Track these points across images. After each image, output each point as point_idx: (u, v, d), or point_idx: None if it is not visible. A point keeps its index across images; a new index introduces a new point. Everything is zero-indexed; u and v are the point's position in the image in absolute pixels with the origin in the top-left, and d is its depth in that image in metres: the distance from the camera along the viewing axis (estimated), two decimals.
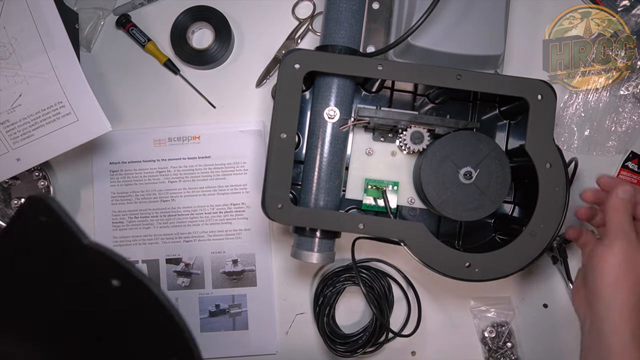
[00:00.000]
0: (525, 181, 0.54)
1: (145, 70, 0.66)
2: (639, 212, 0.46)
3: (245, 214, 0.64)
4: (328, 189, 0.53)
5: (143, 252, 0.65)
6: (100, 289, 0.36)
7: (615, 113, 0.65)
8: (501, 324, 0.64)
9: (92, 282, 0.37)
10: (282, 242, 0.65)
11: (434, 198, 0.50)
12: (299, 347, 0.64)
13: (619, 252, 0.43)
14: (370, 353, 0.63)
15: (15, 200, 0.65)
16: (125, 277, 0.34)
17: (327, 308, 0.62)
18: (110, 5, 0.66)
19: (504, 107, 0.57)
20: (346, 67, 0.50)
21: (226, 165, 0.65)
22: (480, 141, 0.51)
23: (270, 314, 0.64)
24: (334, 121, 0.53)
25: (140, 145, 0.65)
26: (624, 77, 0.64)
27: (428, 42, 0.55)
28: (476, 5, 0.56)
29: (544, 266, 0.65)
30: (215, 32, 0.64)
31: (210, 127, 0.65)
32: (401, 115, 0.52)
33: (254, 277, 0.64)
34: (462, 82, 0.50)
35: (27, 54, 0.55)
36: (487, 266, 0.49)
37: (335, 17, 0.53)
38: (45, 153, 0.57)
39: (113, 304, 0.37)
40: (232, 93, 0.65)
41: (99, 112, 0.55)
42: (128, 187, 0.65)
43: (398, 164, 0.56)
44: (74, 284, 0.38)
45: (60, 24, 0.55)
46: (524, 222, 0.50)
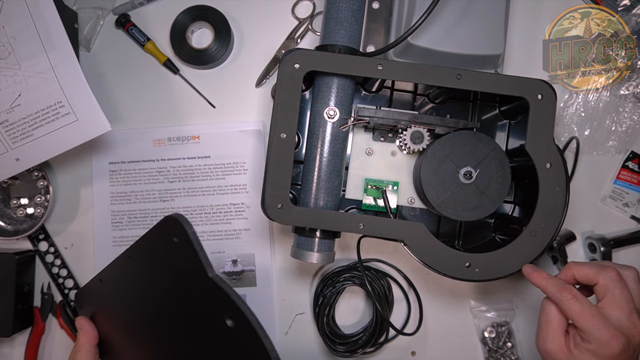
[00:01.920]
0: (526, 181, 0.54)
1: (144, 70, 0.66)
2: None
3: (245, 214, 0.64)
4: (328, 189, 0.53)
5: None
6: (214, 325, 0.39)
7: (615, 113, 0.65)
8: (501, 324, 0.64)
9: (208, 317, 0.40)
10: (282, 242, 0.65)
11: (434, 198, 0.50)
12: (298, 347, 0.64)
13: None
14: (370, 353, 0.62)
15: (14, 200, 0.65)
16: (240, 319, 0.36)
17: (327, 308, 0.62)
18: (110, 5, 0.66)
19: (504, 106, 0.57)
20: (346, 66, 0.50)
21: (226, 165, 0.65)
22: (480, 141, 0.50)
23: (270, 314, 0.64)
24: (333, 121, 0.53)
25: (139, 145, 0.65)
26: (624, 77, 0.64)
27: (428, 42, 0.55)
28: (476, 5, 0.56)
29: (544, 266, 0.65)
30: (215, 32, 0.64)
31: (210, 127, 0.65)
32: (401, 115, 0.52)
33: (254, 277, 0.64)
34: (462, 81, 0.50)
35: (26, 53, 0.55)
36: (487, 266, 0.49)
37: (335, 17, 0.53)
38: (45, 153, 0.57)
39: (221, 342, 0.39)
40: (231, 93, 0.65)
41: (98, 112, 0.55)
42: (127, 187, 0.65)
43: (398, 163, 0.56)
44: (191, 314, 0.42)
45: (59, 24, 0.54)
46: (524, 222, 0.50)
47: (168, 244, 0.42)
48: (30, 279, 0.65)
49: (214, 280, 0.38)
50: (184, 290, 0.42)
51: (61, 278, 0.65)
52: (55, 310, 0.65)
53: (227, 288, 0.38)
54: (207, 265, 0.39)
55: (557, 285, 0.44)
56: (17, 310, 0.62)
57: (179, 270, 0.42)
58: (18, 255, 0.62)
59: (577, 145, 0.62)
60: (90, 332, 0.49)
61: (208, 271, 0.39)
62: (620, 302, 0.42)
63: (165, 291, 0.44)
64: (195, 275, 0.40)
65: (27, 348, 0.64)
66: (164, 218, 0.43)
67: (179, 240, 0.41)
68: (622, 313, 0.42)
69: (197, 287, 0.40)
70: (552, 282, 0.45)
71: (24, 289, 0.64)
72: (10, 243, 0.65)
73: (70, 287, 0.65)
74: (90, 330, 0.49)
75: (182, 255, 0.41)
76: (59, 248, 0.66)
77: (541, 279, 0.45)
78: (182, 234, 0.41)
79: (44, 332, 0.65)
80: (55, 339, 0.66)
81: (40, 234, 0.65)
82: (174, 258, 0.42)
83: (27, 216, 0.65)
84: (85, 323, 0.49)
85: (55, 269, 0.65)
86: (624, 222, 0.65)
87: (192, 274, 0.40)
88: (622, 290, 0.42)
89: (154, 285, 0.46)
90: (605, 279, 0.43)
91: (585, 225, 0.66)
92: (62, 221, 0.66)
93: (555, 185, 0.49)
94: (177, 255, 0.42)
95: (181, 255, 0.41)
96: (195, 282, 0.40)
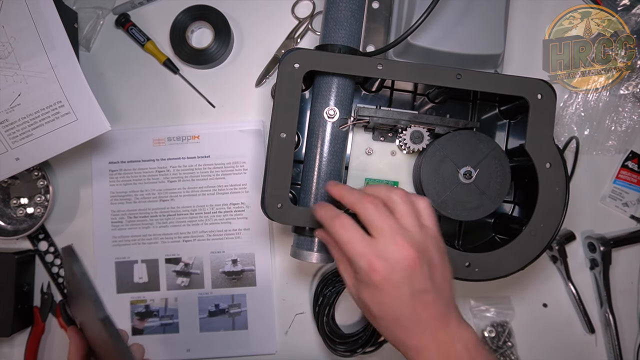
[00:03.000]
0: (525, 181, 0.54)
1: (144, 70, 0.66)
2: None
3: (245, 214, 0.64)
4: None
5: (142, 252, 0.65)
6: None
7: (615, 112, 0.65)
8: (501, 323, 0.64)
9: None
10: (282, 242, 0.65)
11: (433, 198, 0.50)
12: (298, 347, 0.64)
13: None
14: (370, 353, 0.62)
15: (14, 200, 0.65)
16: None
17: (326, 308, 0.62)
18: (110, 5, 0.66)
19: (504, 106, 0.57)
20: (346, 66, 0.50)
21: (225, 165, 0.65)
22: (480, 141, 0.51)
23: (269, 313, 0.64)
24: (333, 121, 0.53)
25: (139, 144, 0.65)
26: (624, 77, 0.64)
27: (428, 42, 0.55)
28: (476, 4, 0.56)
29: (544, 266, 0.65)
30: (215, 32, 0.64)
31: (210, 127, 0.65)
32: (401, 114, 0.52)
33: (254, 276, 0.64)
34: (462, 81, 0.50)
35: (26, 53, 0.55)
36: (487, 266, 0.49)
37: (335, 17, 0.53)
38: (45, 152, 0.57)
39: None
40: (231, 92, 0.65)
41: (98, 112, 0.55)
42: (127, 186, 0.65)
43: (398, 163, 0.56)
44: None
45: (59, 23, 0.54)
46: (524, 222, 0.50)
47: (73, 277, 0.42)
48: (30, 279, 0.65)
49: (103, 323, 0.38)
50: (95, 320, 0.41)
51: (61, 278, 0.65)
52: (55, 310, 0.65)
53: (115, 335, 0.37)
54: (97, 306, 0.38)
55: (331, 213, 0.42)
56: (17, 310, 0.62)
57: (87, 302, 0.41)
58: (18, 255, 0.62)
59: (577, 145, 0.62)
60: (78, 341, 0.49)
61: (98, 313, 0.38)
62: (381, 228, 0.39)
63: (91, 318, 0.43)
64: None
65: (27, 348, 0.64)
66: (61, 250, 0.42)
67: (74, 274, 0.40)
68: (384, 239, 0.39)
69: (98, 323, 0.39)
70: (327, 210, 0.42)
71: (24, 288, 0.64)
72: (10, 243, 0.65)
73: None
74: (77, 340, 0.49)
75: (83, 289, 0.40)
76: (59, 248, 0.65)
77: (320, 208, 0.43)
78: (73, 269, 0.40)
79: (44, 332, 0.65)
80: (55, 339, 0.66)
81: (40, 233, 0.65)
82: (81, 291, 0.41)
83: (27, 216, 0.65)
84: (74, 333, 0.50)
85: (55, 268, 0.65)
86: (624, 221, 0.65)
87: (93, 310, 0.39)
88: (380, 216, 0.39)
89: (86, 312, 0.45)
90: (362, 210, 0.40)
91: (585, 224, 0.66)
92: (62, 221, 0.66)
93: (555, 185, 0.49)
94: (81, 288, 0.41)
95: (83, 289, 0.40)
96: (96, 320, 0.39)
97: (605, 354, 0.65)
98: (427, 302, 0.39)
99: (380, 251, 0.38)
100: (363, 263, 0.38)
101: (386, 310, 0.39)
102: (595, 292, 0.65)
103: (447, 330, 0.40)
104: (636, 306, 0.65)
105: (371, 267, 0.38)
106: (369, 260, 0.38)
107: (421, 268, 0.38)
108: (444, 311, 0.40)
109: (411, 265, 0.38)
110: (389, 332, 0.40)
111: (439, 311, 0.40)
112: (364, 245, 0.39)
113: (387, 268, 0.38)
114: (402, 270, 0.38)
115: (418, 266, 0.38)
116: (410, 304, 0.39)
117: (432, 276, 0.39)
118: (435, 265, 0.40)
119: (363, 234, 0.40)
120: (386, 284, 0.38)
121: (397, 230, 0.39)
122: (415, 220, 0.40)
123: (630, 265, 0.65)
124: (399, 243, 0.38)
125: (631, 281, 0.65)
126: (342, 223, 0.40)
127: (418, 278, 0.38)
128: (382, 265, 0.38)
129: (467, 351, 0.39)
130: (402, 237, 0.38)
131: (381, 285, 0.38)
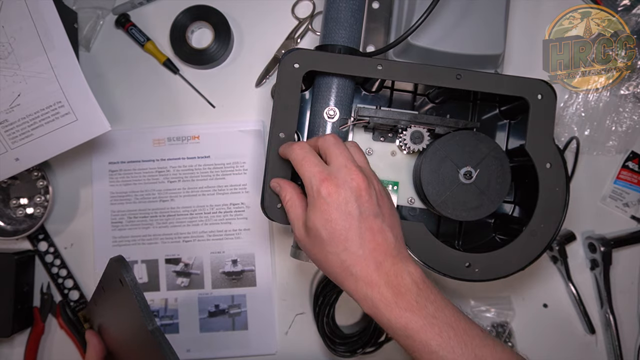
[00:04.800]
0: (526, 181, 0.54)
1: (144, 70, 0.66)
2: None
3: (245, 214, 0.64)
4: None
5: (142, 252, 0.65)
6: None
7: (615, 113, 0.65)
8: (501, 323, 0.64)
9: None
10: (282, 242, 0.65)
11: (433, 198, 0.50)
12: (298, 347, 0.64)
13: None
14: (370, 353, 0.62)
15: (14, 200, 0.65)
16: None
17: (326, 308, 0.61)
18: (110, 5, 0.66)
19: (504, 106, 0.57)
20: (346, 66, 0.50)
21: (225, 165, 0.64)
22: (480, 141, 0.50)
23: (269, 314, 0.64)
24: (333, 121, 0.53)
25: (139, 145, 0.65)
26: (624, 77, 0.64)
27: (428, 42, 0.55)
28: (476, 4, 0.56)
29: (544, 266, 0.65)
30: (215, 32, 0.64)
31: (210, 127, 0.65)
32: (401, 115, 0.52)
33: (254, 277, 0.64)
34: (462, 81, 0.50)
35: (25, 53, 0.55)
36: (487, 266, 0.49)
37: (335, 17, 0.53)
38: (44, 153, 0.57)
39: None
40: (231, 93, 0.65)
41: (98, 112, 0.55)
42: (127, 186, 0.65)
43: (398, 163, 0.56)
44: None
45: (59, 24, 0.54)
46: (524, 222, 0.50)
47: (117, 286, 0.42)
48: (29, 279, 0.65)
49: (152, 335, 0.38)
50: (135, 329, 0.42)
51: (61, 278, 0.65)
52: (55, 311, 0.65)
53: (164, 344, 0.38)
54: (147, 317, 0.39)
55: None
56: (17, 311, 0.62)
57: (131, 311, 0.41)
58: (17, 255, 0.62)
59: (577, 145, 0.62)
60: (97, 345, 0.49)
61: (147, 324, 0.38)
62: (337, 157, 0.42)
63: (128, 326, 0.44)
64: (140, 323, 0.39)
65: (27, 348, 0.64)
66: (109, 260, 0.43)
67: (124, 284, 0.41)
68: (338, 163, 0.42)
69: (142, 333, 0.40)
70: None
71: (24, 289, 0.64)
72: (10, 243, 0.65)
73: (70, 287, 0.65)
74: (96, 344, 0.49)
75: (128, 298, 0.41)
76: (59, 248, 0.65)
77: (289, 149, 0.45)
78: (124, 279, 0.41)
79: (44, 332, 0.65)
80: (55, 339, 0.66)
81: (40, 234, 0.65)
82: (123, 300, 0.42)
83: (26, 216, 0.65)
84: (93, 337, 0.50)
85: (55, 269, 0.65)
86: (624, 222, 0.65)
87: (138, 320, 0.40)
88: (338, 149, 0.43)
89: (122, 319, 0.46)
90: (322, 142, 0.44)
91: (586, 225, 0.66)
92: (62, 221, 0.66)
93: (555, 185, 0.49)
94: (124, 297, 0.41)
95: (127, 299, 0.41)
96: (141, 329, 0.40)
97: (605, 355, 0.64)
98: (376, 228, 0.40)
99: (331, 171, 0.41)
100: (315, 180, 0.41)
101: (335, 228, 0.40)
102: (595, 293, 0.65)
103: (395, 263, 0.40)
104: (636, 307, 0.65)
105: (322, 182, 0.40)
106: (320, 178, 0.41)
107: (369, 192, 0.41)
108: (393, 244, 0.41)
109: (360, 186, 0.41)
110: (337, 258, 0.40)
111: (389, 243, 0.40)
112: (319, 167, 0.42)
113: (337, 184, 0.40)
114: (350, 189, 0.40)
115: (366, 189, 0.41)
116: (359, 225, 0.40)
117: (379, 204, 0.42)
118: (383, 198, 0.43)
119: (319, 158, 0.43)
120: (335, 196, 0.40)
121: (350, 159, 0.42)
122: (364, 160, 0.45)
123: (630, 266, 0.65)
124: (350, 168, 0.41)
125: (631, 282, 0.65)
126: (301, 145, 0.44)
127: (365, 199, 0.41)
128: (333, 182, 0.40)
129: (415, 284, 0.39)
130: (353, 164, 0.42)
131: (330, 197, 0.40)
